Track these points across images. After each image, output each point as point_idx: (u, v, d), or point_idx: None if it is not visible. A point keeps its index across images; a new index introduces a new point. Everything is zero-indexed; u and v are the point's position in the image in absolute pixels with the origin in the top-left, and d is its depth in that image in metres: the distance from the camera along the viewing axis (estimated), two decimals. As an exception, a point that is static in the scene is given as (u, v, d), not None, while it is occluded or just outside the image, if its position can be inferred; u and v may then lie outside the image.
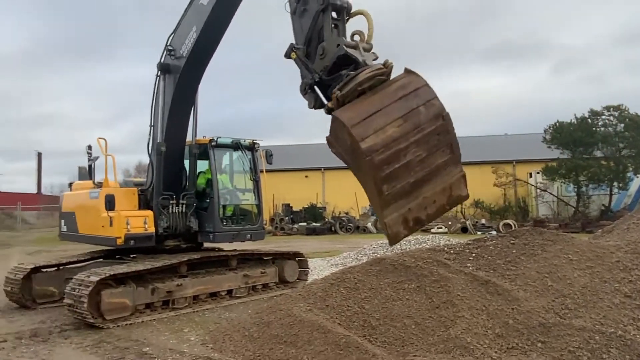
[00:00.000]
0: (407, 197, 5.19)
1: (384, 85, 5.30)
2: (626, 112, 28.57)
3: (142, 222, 9.24)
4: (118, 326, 8.00)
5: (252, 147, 10.93)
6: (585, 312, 6.23)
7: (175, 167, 9.76)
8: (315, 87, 6.03)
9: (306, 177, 41.80)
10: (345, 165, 6.02)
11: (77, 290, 7.86)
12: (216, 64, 9.03)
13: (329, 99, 5.81)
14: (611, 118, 29.25)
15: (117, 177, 10.01)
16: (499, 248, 7.72)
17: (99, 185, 10.05)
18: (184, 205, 9.72)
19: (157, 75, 9.50)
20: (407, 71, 5.34)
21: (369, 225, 30.87)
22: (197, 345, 6.90)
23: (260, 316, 7.05)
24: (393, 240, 5.45)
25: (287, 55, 6.15)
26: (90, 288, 7.73)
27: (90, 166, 10.44)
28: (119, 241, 8.95)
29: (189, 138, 9.87)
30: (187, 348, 6.79)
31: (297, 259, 11.53)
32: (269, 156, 11.14)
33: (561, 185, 30.82)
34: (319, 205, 37.42)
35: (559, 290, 6.69)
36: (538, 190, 32.40)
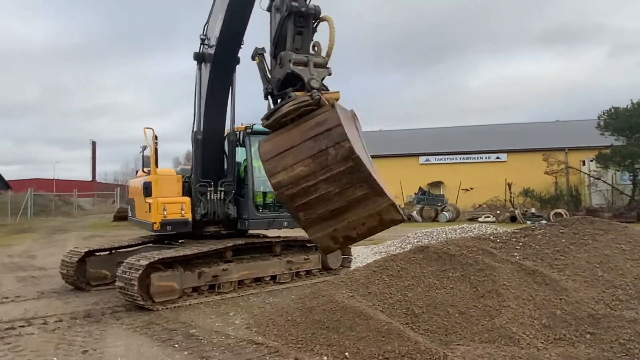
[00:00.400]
0: (330, 220, 5.11)
1: (306, 119, 5.20)
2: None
3: (179, 208, 9.50)
4: (166, 308, 8.26)
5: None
6: (637, 303, 6.01)
7: (213, 154, 9.92)
8: (269, 97, 6.04)
9: (351, 165, 41.67)
10: (390, 153, 5.93)
11: (127, 273, 8.16)
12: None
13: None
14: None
15: (161, 165, 10.30)
16: (547, 237, 7.52)
17: (149, 173, 10.38)
18: (222, 192, 9.88)
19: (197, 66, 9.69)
20: (331, 105, 5.18)
21: (414, 213, 30.58)
22: (242, 329, 7.04)
23: (303, 302, 7.13)
24: (326, 251, 5.71)
25: (252, 58, 6.23)
26: (140, 271, 8.00)
27: (143, 154, 10.80)
28: (155, 226, 9.25)
29: (228, 127, 10.00)
30: (232, 331, 6.94)
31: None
32: None
33: (616, 173, 29.61)
34: (363, 193, 37.14)
35: (610, 280, 6.47)
36: (591, 179, 31.24)
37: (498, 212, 29.80)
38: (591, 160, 31.06)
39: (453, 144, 41.07)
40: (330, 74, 5.99)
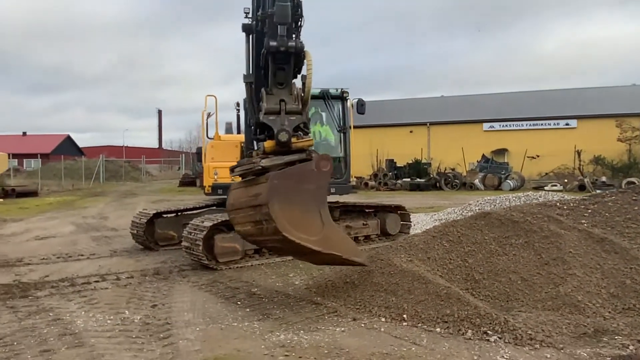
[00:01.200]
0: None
1: (253, 183, 5.89)
2: None
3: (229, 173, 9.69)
4: (230, 268, 8.56)
5: (341, 97, 10.50)
6: None
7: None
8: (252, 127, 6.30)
9: (411, 132, 41.10)
10: (452, 120, 6.03)
11: (193, 234, 8.49)
12: (322, 22, 8.98)
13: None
14: None
15: (220, 132, 10.52)
16: (618, 204, 7.17)
17: (211, 139, 10.68)
18: None
19: None
20: (267, 179, 5.62)
21: (477, 182, 29.86)
22: (301, 289, 7.21)
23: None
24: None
25: (244, 80, 6.44)
26: (204, 232, 8.31)
27: (207, 121, 11.11)
28: (207, 190, 9.50)
29: None
30: (292, 291, 7.12)
31: (399, 212, 11.50)
32: (359, 105, 10.54)
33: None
34: (423, 160, 36.71)
35: (686, 251, 6.12)
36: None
37: (566, 180, 28.56)
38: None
39: (519, 110, 39.48)
40: (305, 121, 6.10)
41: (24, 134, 71.27)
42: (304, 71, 6.11)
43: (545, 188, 25.55)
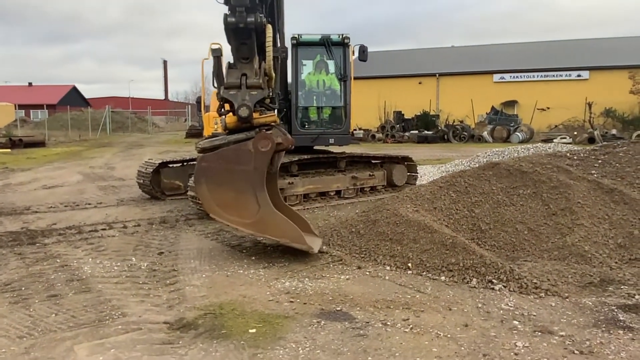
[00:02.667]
0: None
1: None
2: None
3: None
4: (235, 218, 8.57)
5: (342, 43, 10.15)
6: None
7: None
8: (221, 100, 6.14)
9: (420, 83, 40.41)
10: (462, 71, 5.90)
11: (198, 183, 8.46)
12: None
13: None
14: None
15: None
16: (629, 155, 7.05)
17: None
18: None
19: None
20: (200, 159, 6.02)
21: (485, 134, 29.54)
22: (307, 239, 7.21)
23: (367, 214, 7.16)
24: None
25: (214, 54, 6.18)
26: (209, 182, 8.27)
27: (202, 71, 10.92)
28: None
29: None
30: (297, 240, 7.12)
31: (405, 163, 11.42)
32: (361, 52, 10.14)
33: None
34: (432, 112, 36.25)
35: (698, 202, 6.03)
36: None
37: (575, 133, 28.18)
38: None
39: (530, 61, 38.58)
40: (266, 96, 6.01)
41: (30, 84, 70.80)
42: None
43: (555, 140, 25.25)
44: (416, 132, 31.44)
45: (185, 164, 10.90)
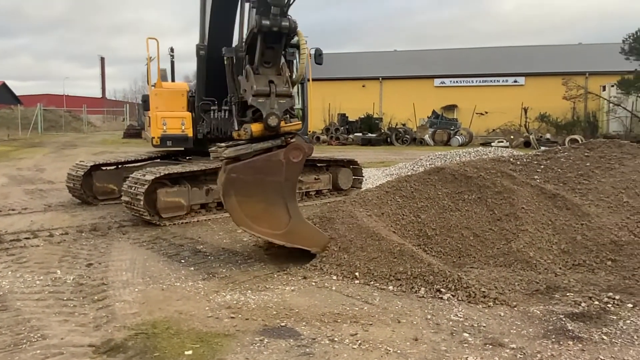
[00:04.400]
0: None
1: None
2: None
3: (179, 124, 9.16)
4: (174, 224, 8.13)
5: (298, 46, 10.21)
6: (664, 231, 5.72)
7: (217, 71, 9.41)
8: (234, 106, 6.19)
9: (363, 86, 40.73)
10: (404, 75, 5.93)
11: (133, 188, 7.96)
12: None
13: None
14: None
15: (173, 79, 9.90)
16: (571, 160, 7.14)
17: (153, 86, 9.96)
18: (227, 111, 9.40)
19: None
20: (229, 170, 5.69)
21: (426, 137, 30.06)
22: (250, 246, 6.91)
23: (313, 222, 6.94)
24: None
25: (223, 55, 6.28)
26: (145, 186, 7.80)
27: (172, 69, 10.43)
28: (155, 141, 8.99)
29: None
30: (240, 248, 6.81)
31: (351, 166, 11.29)
32: (317, 55, 10.05)
33: (636, 100, 28.58)
34: (375, 115, 36.59)
35: (636, 207, 6.16)
36: (611, 105, 30.26)
37: (512, 137, 29.16)
38: (612, 86, 29.90)
39: (469, 67, 39.67)
40: (293, 105, 5.89)
41: (-46, 80, 66.32)
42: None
43: (492, 144, 25.98)
44: (360, 134, 31.61)
45: (120, 166, 10.30)
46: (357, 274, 5.48)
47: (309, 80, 10.39)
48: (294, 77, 6.04)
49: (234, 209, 5.66)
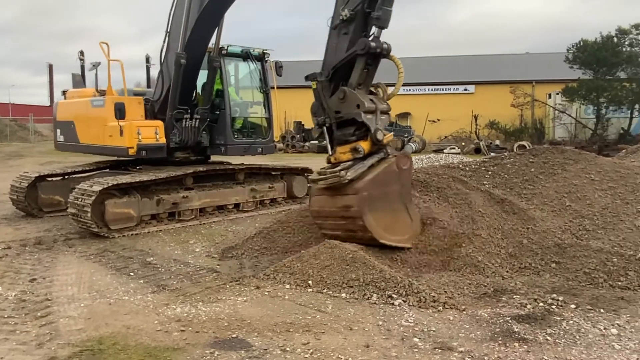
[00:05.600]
0: None
1: (338, 193, 5.90)
2: (656, 31, 26.99)
3: (153, 133, 8.96)
4: (123, 236, 7.92)
5: (262, 58, 10.37)
6: (604, 233, 5.97)
7: (192, 80, 9.40)
8: (325, 129, 6.28)
9: (318, 94, 40.85)
10: None
11: (80, 199, 7.71)
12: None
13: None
14: (639, 37, 27.70)
15: (120, 86, 9.59)
16: (516, 166, 7.37)
17: (102, 93, 9.69)
18: (197, 120, 9.38)
19: None
20: (356, 191, 5.79)
21: (381, 144, 30.39)
22: (202, 257, 6.80)
23: (267, 231, 6.91)
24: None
25: (307, 80, 6.54)
26: (93, 197, 7.56)
27: (82, 73, 10.10)
28: (132, 151, 8.71)
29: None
30: (191, 259, 6.69)
31: (306, 174, 11.29)
32: (278, 67, 10.50)
33: (580, 107, 29.84)
34: (331, 123, 36.73)
35: (578, 210, 6.40)
36: (556, 112, 31.46)
37: (463, 143, 29.86)
38: (557, 94, 31.10)
39: (421, 75, 40.45)
40: (389, 122, 6.10)
41: None
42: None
43: (445, 151, 26.56)
44: (316, 142, 31.68)
45: (66, 177, 9.96)
46: (310, 282, 5.47)
47: (273, 88, 10.56)
48: (388, 94, 6.46)
49: (374, 226, 5.80)
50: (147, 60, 9.64)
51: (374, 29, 6.17)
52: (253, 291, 5.37)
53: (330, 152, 6.22)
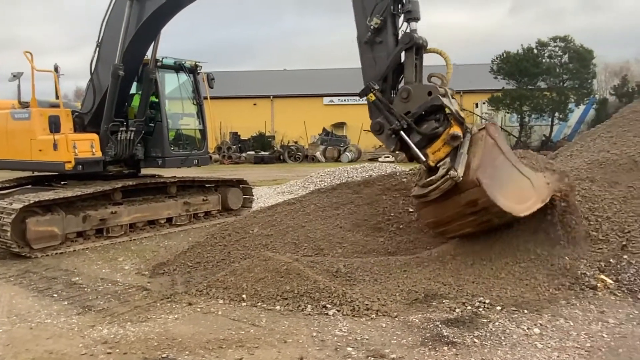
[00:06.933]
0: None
1: (454, 193, 5.55)
2: (572, 43, 28.86)
3: (89, 146, 8.63)
4: (47, 255, 7.52)
5: (194, 70, 10.33)
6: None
7: (127, 91, 9.20)
8: (402, 133, 5.86)
9: (255, 104, 40.78)
10: (294, 93, 6.13)
11: (-2, 218, 7.28)
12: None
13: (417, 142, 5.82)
14: (557, 49, 29.54)
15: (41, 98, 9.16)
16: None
17: (26, 105, 9.20)
18: (132, 132, 9.17)
19: None
20: (476, 181, 5.44)
21: (318, 154, 30.70)
22: (132, 275, 6.57)
23: (197, 247, 6.79)
24: None
25: (364, 96, 6.16)
26: (13, 216, 7.15)
27: (19, 83, 9.57)
28: (69, 166, 8.34)
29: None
30: (120, 277, 6.45)
31: (241, 186, 11.19)
32: (210, 80, 10.58)
33: (505, 116, 31.37)
34: (267, 133, 36.75)
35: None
36: (483, 120, 32.86)
37: (397, 152, 30.68)
38: (483, 103, 32.60)
39: (356, 85, 41.07)
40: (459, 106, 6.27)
41: None
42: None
43: (379, 159, 27.13)
44: (253, 152, 31.56)
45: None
46: (244, 296, 5.40)
47: (206, 98, 10.56)
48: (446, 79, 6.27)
49: (509, 205, 5.48)
50: (56, 69, 9.23)
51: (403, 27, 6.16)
52: (185, 308, 5.24)
53: (423, 158, 5.76)
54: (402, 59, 6.08)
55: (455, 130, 5.63)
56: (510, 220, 5.65)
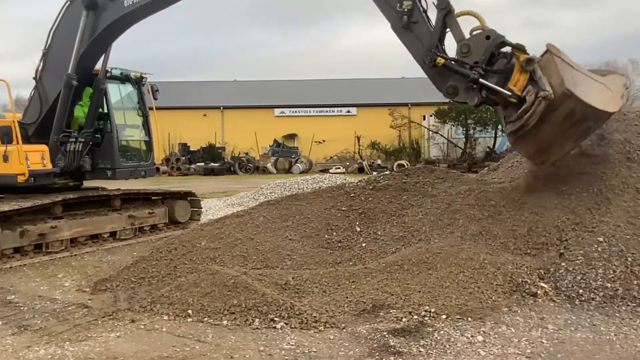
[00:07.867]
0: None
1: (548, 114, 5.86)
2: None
3: (40, 158, 8.35)
4: (-20, 274, 7.14)
5: (139, 81, 10.22)
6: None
7: (75, 102, 8.98)
8: (482, 80, 6.10)
9: (205, 115, 40.30)
10: (245, 104, 6.15)
11: None
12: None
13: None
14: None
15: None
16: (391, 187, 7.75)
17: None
18: (81, 144, 8.96)
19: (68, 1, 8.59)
20: (567, 92, 5.75)
21: (269, 165, 30.57)
22: (72, 292, 6.31)
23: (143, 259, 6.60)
24: None
25: (433, 63, 6.35)
26: (-58, 232, 6.76)
27: None
28: (22, 178, 8.02)
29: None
30: (59, 295, 6.18)
31: (189, 198, 10.99)
32: (154, 91, 10.56)
33: (451, 128, 32.24)
34: (217, 145, 36.35)
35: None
36: (430, 133, 33.68)
37: (347, 163, 30.97)
38: (431, 115, 33.41)
39: (307, 97, 41.45)
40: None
41: None
42: None
43: (330, 171, 27.30)
44: (202, 164, 31.11)
45: None
46: (190, 311, 5.28)
47: (151, 109, 10.40)
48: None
49: (602, 106, 5.80)
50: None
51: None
52: (127, 325, 5.07)
53: (509, 93, 6.03)
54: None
55: (526, 55, 5.99)
56: (605, 121, 6.15)
